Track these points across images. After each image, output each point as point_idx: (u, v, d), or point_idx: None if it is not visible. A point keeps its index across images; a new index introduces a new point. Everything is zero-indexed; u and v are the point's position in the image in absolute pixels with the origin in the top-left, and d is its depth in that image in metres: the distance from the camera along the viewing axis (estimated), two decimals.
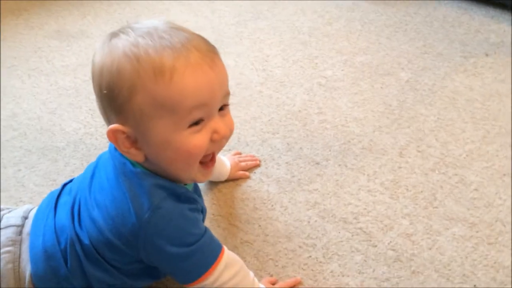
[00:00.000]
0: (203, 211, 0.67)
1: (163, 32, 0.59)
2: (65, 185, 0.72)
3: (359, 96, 1.11)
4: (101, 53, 0.60)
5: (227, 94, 0.63)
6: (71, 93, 1.21)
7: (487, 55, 1.19)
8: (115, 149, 0.65)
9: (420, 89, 1.10)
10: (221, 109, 0.62)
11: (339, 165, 0.93)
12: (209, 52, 0.60)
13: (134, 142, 0.61)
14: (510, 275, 0.71)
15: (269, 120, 1.06)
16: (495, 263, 0.73)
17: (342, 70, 1.20)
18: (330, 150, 0.97)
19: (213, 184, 0.91)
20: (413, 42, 1.27)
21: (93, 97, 0.64)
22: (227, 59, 1.26)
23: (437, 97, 1.08)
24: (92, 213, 0.63)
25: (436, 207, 0.83)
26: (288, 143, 1.00)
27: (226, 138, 0.64)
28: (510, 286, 0.70)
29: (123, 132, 0.60)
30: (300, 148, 0.98)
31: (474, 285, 0.70)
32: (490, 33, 1.27)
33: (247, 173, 0.93)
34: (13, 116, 1.14)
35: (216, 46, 0.63)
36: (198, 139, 0.60)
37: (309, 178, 0.91)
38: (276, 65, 1.24)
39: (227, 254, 0.65)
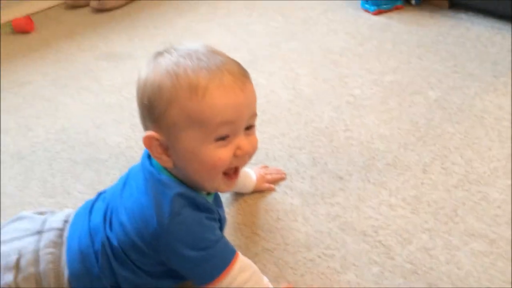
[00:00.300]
0: (221, 220, 0.73)
1: (201, 54, 0.67)
2: (100, 194, 0.79)
3: (387, 114, 1.13)
4: (147, 69, 0.68)
5: (254, 115, 0.69)
6: (115, 110, 1.30)
7: None
8: (147, 158, 0.73)
9: (448, 108, 1.11)
10: (248, 128, 0.68)
11: (362, 180, 0.96)
12: (241, 76, 0.67)
13: (166, 149, 0.68)
14: None
15: (296, 136, 1.11)
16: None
17: (371, 89, 1.22)
18: (354, 166, 1.00)
19: (239, 195, 0.96)
20: (444, 62, 1.28)
21: (135, 113, 0.71)
22: (260, 78, 1.32)
23: (465, 115, 1.08)
24: (121, 217, 0.69)
25: (457, 223, 0.83)
26: (313, 158, 1.03)
27: (249, 154, 0.70)
28: None
29: (157, 139, 0.67)
30: (325, 163, 1.02)
31: None
32: None
33: (272, 185, 0.97)
34: (63, 130, 1.25)
35: (250, 65, 0.69)
36: (222, 153, 0.66)
37: (332, 192, 0.94)
38: (306, 83, 1.28)
39: (242, 259, 0.69)
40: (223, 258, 0.68)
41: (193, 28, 1.69)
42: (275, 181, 0.98)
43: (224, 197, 0.95)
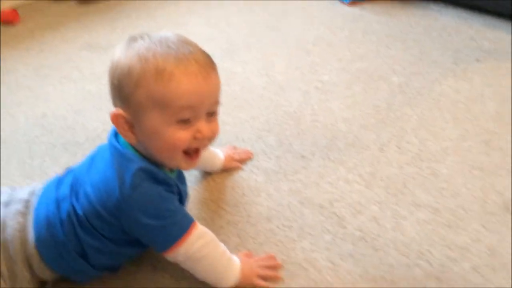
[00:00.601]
0: (181, 193, 0.78)
1: (172, 43, 0.72)
2: (69, 170, 0.84)
3: (351, 98, 1.19)
4: (120, 51, 0.73)
5: (216, 103, 0.75)
6: (95, 97, 1.35)
7: (478, 60, 1.24)
8: (114, 135, 0.78)
9: (409, 92, 1.17)
10: (211, 115, 0.74)
11: (323, 158, 1.02)
12: (206, 66, 0.72)
13: (131, 126, 0.73)
14: (463, 253, 0.77)
15: (266, 120, 1.16)
16: (451, 243, 0.79)
17: (339, 75, 1.28)
18: (317, 146, 1.05)
19: (208, 173, 1.01)
20: (409, 50, 1.34)
21: None
22: (236, 67, 1.37)
23: (424, 99, 1.14)
24: (86, 189, 0.75)
25: (406, 195, 0.89)
26: (280, 140, 1.09)
27: (208, 139, 0.75)
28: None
29: (123, 117, 0.73)
30: (290, 144, 1.07)
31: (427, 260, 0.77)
32: (484, 41, 1.32)
33: (239, 164, 1.03)
34: (43, 116, 1.30)
35: (228, 55, 0.74)
36: (181, 134, 0.72)
37: (294, 170, 1.00)
38: (279, 71, 1.34)
39: (199, 228, 0.75)
40: (181, 226, 0.74)
41: (175, 19, 1.73)
42: (243, 161, 1.04)
43: (193, 175, 1.01)
